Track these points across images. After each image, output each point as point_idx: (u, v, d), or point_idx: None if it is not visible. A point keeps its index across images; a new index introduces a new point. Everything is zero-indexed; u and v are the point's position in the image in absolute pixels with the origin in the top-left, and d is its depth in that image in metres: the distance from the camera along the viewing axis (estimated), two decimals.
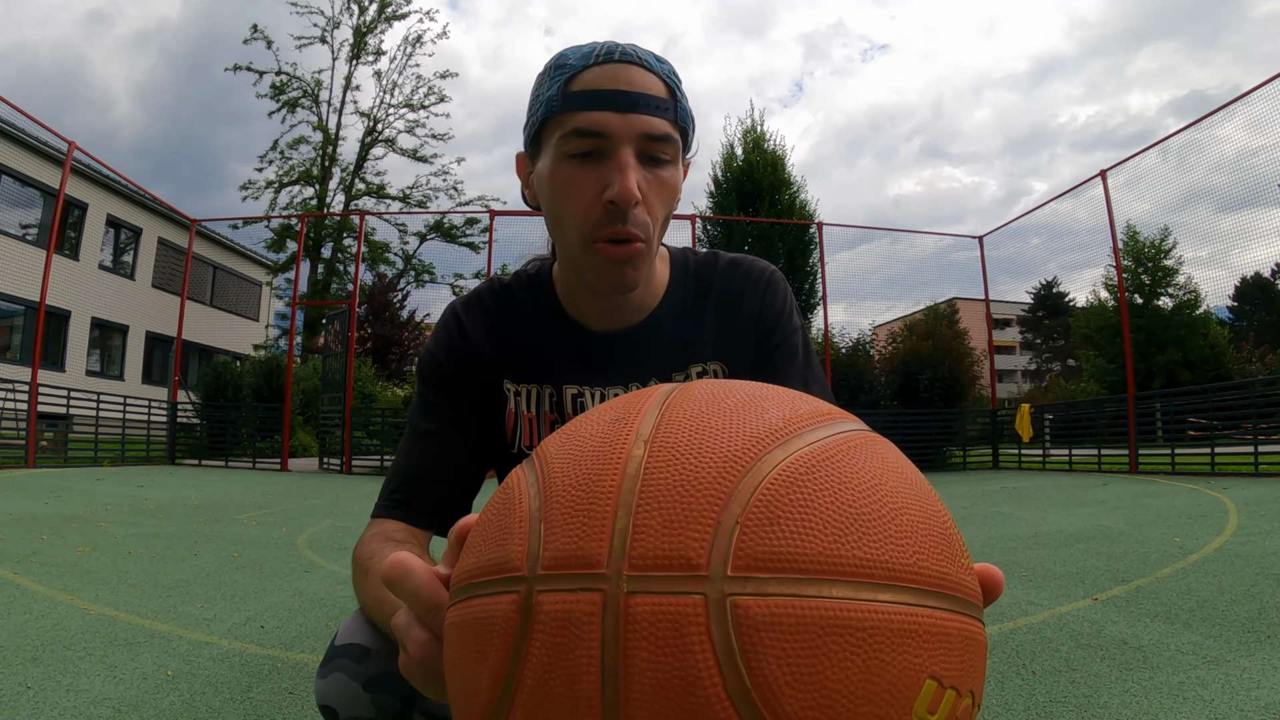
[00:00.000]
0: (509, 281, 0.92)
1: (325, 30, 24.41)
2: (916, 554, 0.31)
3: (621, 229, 0.72)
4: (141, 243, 18.88)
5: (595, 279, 0.77)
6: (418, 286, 25.49)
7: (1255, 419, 8.62)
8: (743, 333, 0.87)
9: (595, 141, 0.71)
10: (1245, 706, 1.51)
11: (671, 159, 0.74)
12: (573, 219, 0.74)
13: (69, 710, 1.56)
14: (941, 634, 0.30)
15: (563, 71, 0.73)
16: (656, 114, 0.72)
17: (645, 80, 0.72)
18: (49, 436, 11.62)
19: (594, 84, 0.71)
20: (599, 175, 0.71)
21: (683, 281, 0.89)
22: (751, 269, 0.90)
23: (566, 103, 0.72)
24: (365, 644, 0.73)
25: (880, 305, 41.97)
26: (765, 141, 14.78)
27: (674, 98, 0.74)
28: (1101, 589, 2.64)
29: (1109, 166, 10.31)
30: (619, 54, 0.72)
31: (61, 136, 10.43)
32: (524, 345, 0.87)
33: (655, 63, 0.74)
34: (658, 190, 0.74)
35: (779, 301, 0.89)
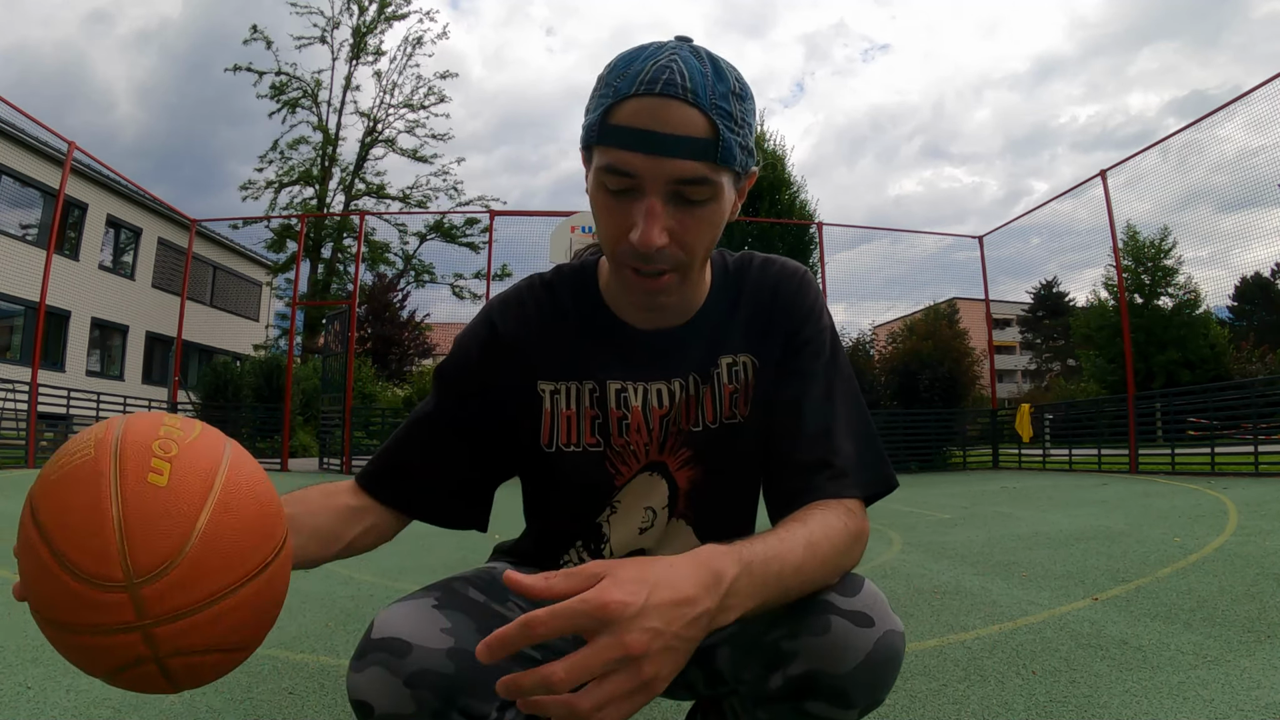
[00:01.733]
0: (550, 278, 0.92)
1: (325, 30, 24.43)
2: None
3: (646, 266, 0.75)
4: (141, 243, 18.89)
5: (631, 298, 0.81)
6: (418, 286, 25.55)
7: (1255, 419, 8.62)
8: (773, 327, 0.89)
9: (626, 180, 0.71)
10: (1245, 706, 1.51)
11: (710, 198, 0.73)
12: (606, 243, 0.77)
13: (69, 710, 1.56)
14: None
15: (607, 95, 0.72)
16: (692, 157, 0.70)
17: (684, 119, 0.69)
18: (49, 436, 11.62)
19: (630, 120, 0.70)
20: (630, 211, 0.73)
21: (723, 283, 0.91)
22: (785, 267, 0.92)
23: (603, 136, 0.72)
24: (406, 638, 0.71)
25: (880, 305, 42.04)
26: (765, 141, 14.79)
27: (717, 135, 0.70)
28: (1101, 589, 2.64)
29: (1109, 166, 10.32)
30: (661, 86, 0.69)
31: (61, 136, 10.44)
32: (565, 341, 0.88)
33: (701, 92, 0.70)
34: (693, 227, 0.74)
35: (809, 300, 0.90)
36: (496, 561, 1.00)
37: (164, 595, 0.53)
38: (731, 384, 0.88)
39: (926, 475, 10.73)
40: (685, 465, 0.89)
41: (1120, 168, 10.37)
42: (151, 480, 0.55)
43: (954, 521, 4.87)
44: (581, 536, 0.93)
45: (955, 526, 4.60)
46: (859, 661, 0.71)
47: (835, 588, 0.75)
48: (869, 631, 0.72)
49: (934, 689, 1.68)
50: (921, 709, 1.56)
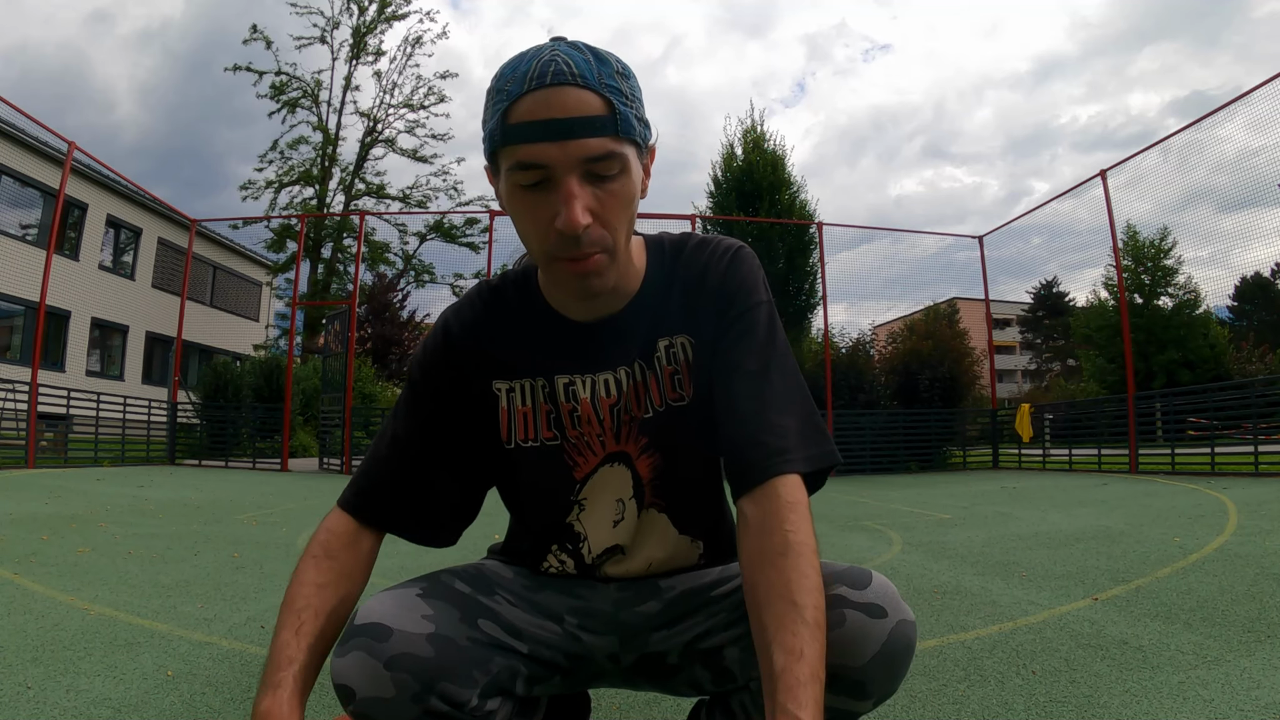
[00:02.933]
0: (496, 283, 0.95)
1: (325, 30, 24.42)
2: None
3: (577, 251, 0.75)
4: (141, 243, 18.88)
5: (565, 290, 0.81)
6: (418, 286, 25.54)
7: (1255, 419, 8.62)
8: (707, 305, 0.88)
9: (538, 173, 0.73)
10: (1245, 706, 1.51)
11: (619, 171, 0.75)
12: (532, 241, 0.77)
13: (69, 710, 1.56)
14: None
15: (501, 99, 0.74)
16: (595, 133, 0.72)
17: (580, 101, 0.72)
18: (49, 437, 11.62)
19: (529, 115, 0.72)
20: (549, 201, 0.74)
21: (659, 265, 0.91)
22: (719, 245, 0.91)
23: (506, 136, 0.73)
24: (387, 623, 0.74)
25: (881, 305, 41.98)
26: (765, 141, 14.77)
27: (613, 110, 0.73)
28: (1101, 589, 2.64)
29: (1109, 166, 10.32)
30: (551, 76, 0.72)
31: (61, 136, 10.44)
32: (514, 341, 0.90)
33: (589, 75, 0.73)
34: (611, 203, 0.75)
35: (741, 274, 0.88)
36: (487, 560, 1.02)
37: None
38: (671, 365, 0.89)
39: (926, 475, 10.72)
40: (644, 453, 0.90)
41: (1121, 168, 10.38)
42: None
43: (954, 521, 4.87)
44: (556, 540, 0.94)
45: (955, 526, 4.60)
46: (875, 652, 0.73)
47: (845, 581, 0.76)
48: (883, 622, 0.74)
49: (934, 689, 1.68)
50: (921, 709, 1.56)
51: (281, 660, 0.73)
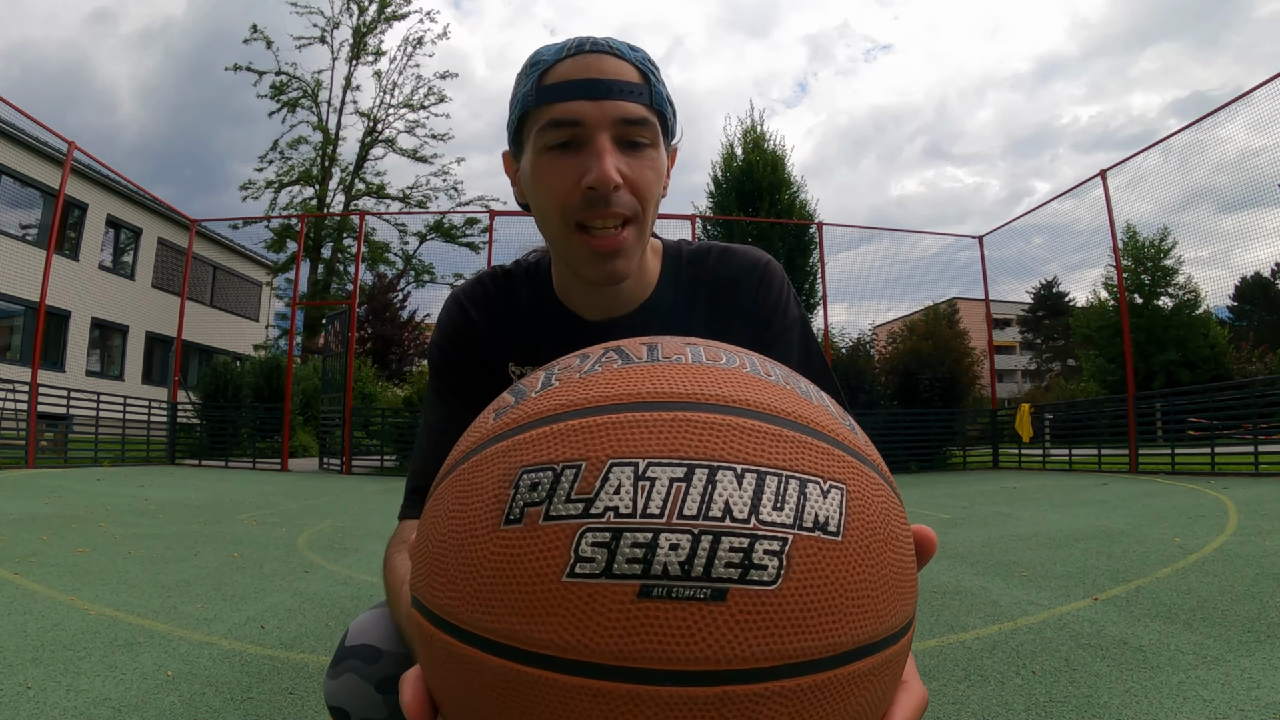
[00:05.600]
0: (510, 268, 0.92)
1: (325, 30, 24.43)
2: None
3: (605, 211, 0.72)
4: (141, 243, 18.88)
5: (584, 270, 0.76)
6: (418, 287, 25.52)
7: (1255, 419, 8.62)
8: (737, 324, 0.86)
9: (571, 130, 0.71)
10: (1245, 706, 1.51)
11: (651, 142, 0.74)
12: (553, 207, 0.74)
13: (69, 710, 1.56)
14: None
15: (537, 68, 0.74)
16: (630, 99, 0.72)
17: (618, 68, 0.73)
18: (49, 437, 11.62)
19: (567, 75, 0.72)
20: (578, 163, 0.72)
21: (675, 272, 0.88)
22: (746, 258, 0.89)
23: (541, 96, 0.72)
24: (378, 645, 0.72)
25: (881, 305, 41.97)
26: (765, 141, 14.78)
27: (648, 82, 0.74)
28: (1101, 589, 2.64)
29: (1109, 166, 10.33)
30: (590, 45, 0.73)
31: (61, 136, 10.45)
32: (522, 331, 0.88)
33: (628, 51, 0.75)
34: (641, 173, 0.73)
35: (775, 292, 0.87)
36: None
37: None
38: None
39: (926, 475, 10.72)
40: None
41: (1121, 168, 10.38)
42: None
43: (954, 521, 4.87)
44: None
45: (955, 526, 4.60)
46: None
47: None
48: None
49: (934, 689, 1.68)
50: None
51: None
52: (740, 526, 0.34)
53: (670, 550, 0.33)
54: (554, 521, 0.35)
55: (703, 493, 0.35)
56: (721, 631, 0.33)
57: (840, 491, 0.38)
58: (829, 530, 0.36)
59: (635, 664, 0.33)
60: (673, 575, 0.33)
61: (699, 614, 0.33)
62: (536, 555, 0.35)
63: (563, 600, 0.34)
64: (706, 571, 0.33)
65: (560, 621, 0.34)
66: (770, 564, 0.34)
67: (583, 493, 0.35)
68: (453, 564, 0.39)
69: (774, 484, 0.36)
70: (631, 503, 0.35)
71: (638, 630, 0.33)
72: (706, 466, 0.36)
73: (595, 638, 0.33)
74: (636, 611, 0.33)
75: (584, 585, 0.34)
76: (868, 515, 0.38)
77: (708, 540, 0.34)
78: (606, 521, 0.34)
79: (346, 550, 3.82)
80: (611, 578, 0.33)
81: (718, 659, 0.33)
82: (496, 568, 0.36)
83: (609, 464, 0.36)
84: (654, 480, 0.35)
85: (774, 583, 0.34)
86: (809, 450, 0.38)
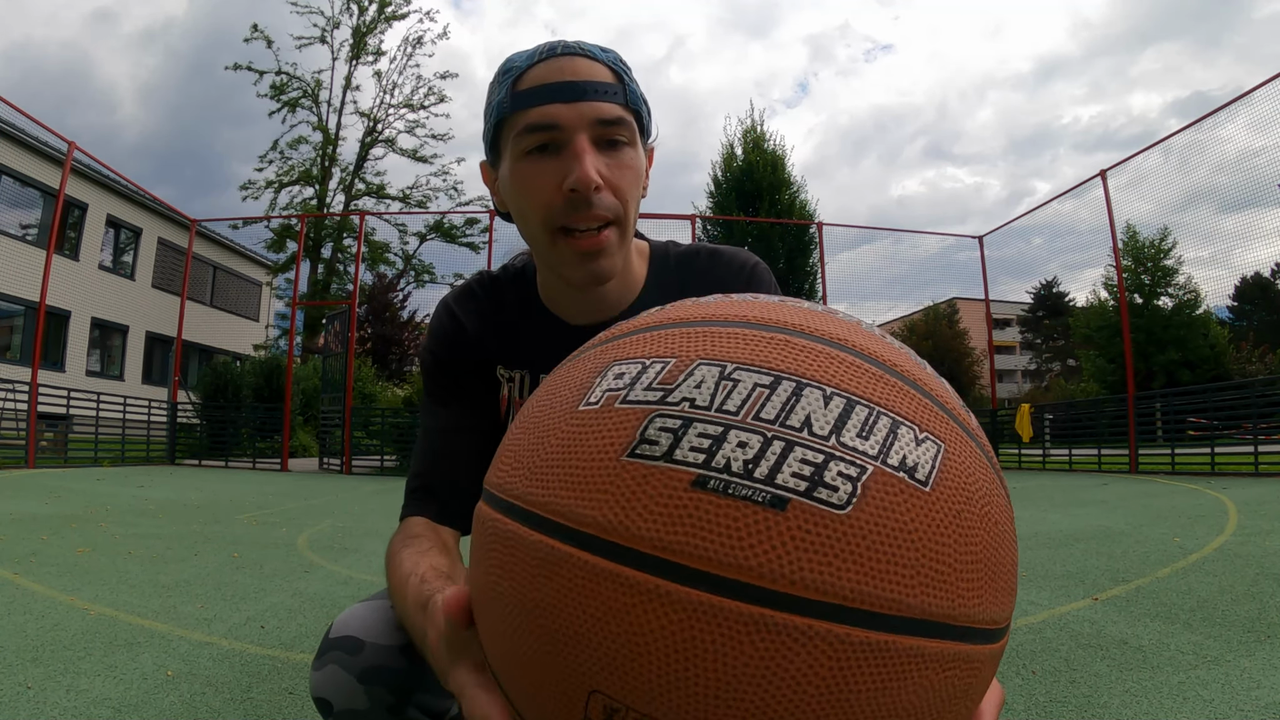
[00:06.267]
0: (497, 274, 0.93)
1: (325, 30, 24.42)
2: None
3: (589, 213, 0.72)
4: (141, 243, 18.88)
5: (568, 272, 0.76)
6: (418, 286, 25.50)
7: (1255, 419, 8.62)
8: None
9: (549, 134, 0.71)
10: (1245, 706, 1.51)
11: (628, 141, 0.74)
12: (535, 212, 0.74)
13: (69, 710, 1.56)
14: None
15: (510, 74, 0.74)
16: (605, 99, 0.72)
17: (590, 69, 0.73)
18: (49, 437, 11.62)
19: (541, 79, 0.72)
20: (557, 166, 0.72)
21: (662, 275, 0.88)
22: (734, 259, 0.89)
23: (516, 102, 0.72)
24: (359, 636, 0.73)
25: (881, 305, 41.95)
26: (765, 141, 14.79)
27: (622, 82, 0.74)
28: (1101, 589, 2.64)
29: (1109, 166, 10.33)
30: (561, 48, 0.73)
31: (61, 136, 10.44)
32: (508, 336, 0.89)
33: (600, 52, 0.75)
34: (620, 172, 0.73)
35: (764, 292, 0.88)
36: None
37: None
38: None
39: None
40: None
41: (1121, 168, 10.38)
42: None
43: None
44: None
45: None
46: None
47: None
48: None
49: None
50: None
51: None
52: (818, 441, 0.32)
53: (738, 447, 0.31)
54: (629, 405, 0.34)
55: (785, 401, 0.33)
56: (774, 543, 0.30)
57: (937, 446, 0.34)
58: (916, 477, 0.33)
59: (674, 557, 0.30)
60: (734, 471, 0.31)
61: (753, 517, 0.30)
62: (604, 433, 0.34)
63: (616, 478, 0.33)
64: (771, 476, 0.31)
65: (608, 499, 0.32)
66: (843, 486, 0.31)
67: (665, 383, 0.35)
68: (524, 443, 0.39)
69: (863, 413, 0.33)
70: (710, 397, 0.33)
71: (684, 521, 0.31)
72: (794, 380, 0.34)
73: (639, 521, 0.31)
74: (687, 500, 0.31)
75: (641, 466, 0.32)
76: (965, 481, 0.35)
77: (779, 445, 0.31)
78: (681, 410, 0.33)
79: (346, 550, 3.82)
80: (671, 462, 0.32)
81: (764, 573, 0.30)
82: (563, 445, 0.36)
83: (697, 362, 0.35)
84: (737, 382, 0.34)
85: (844, 507, 0.31)
86: (908, 398, 0.36)
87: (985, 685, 0.37)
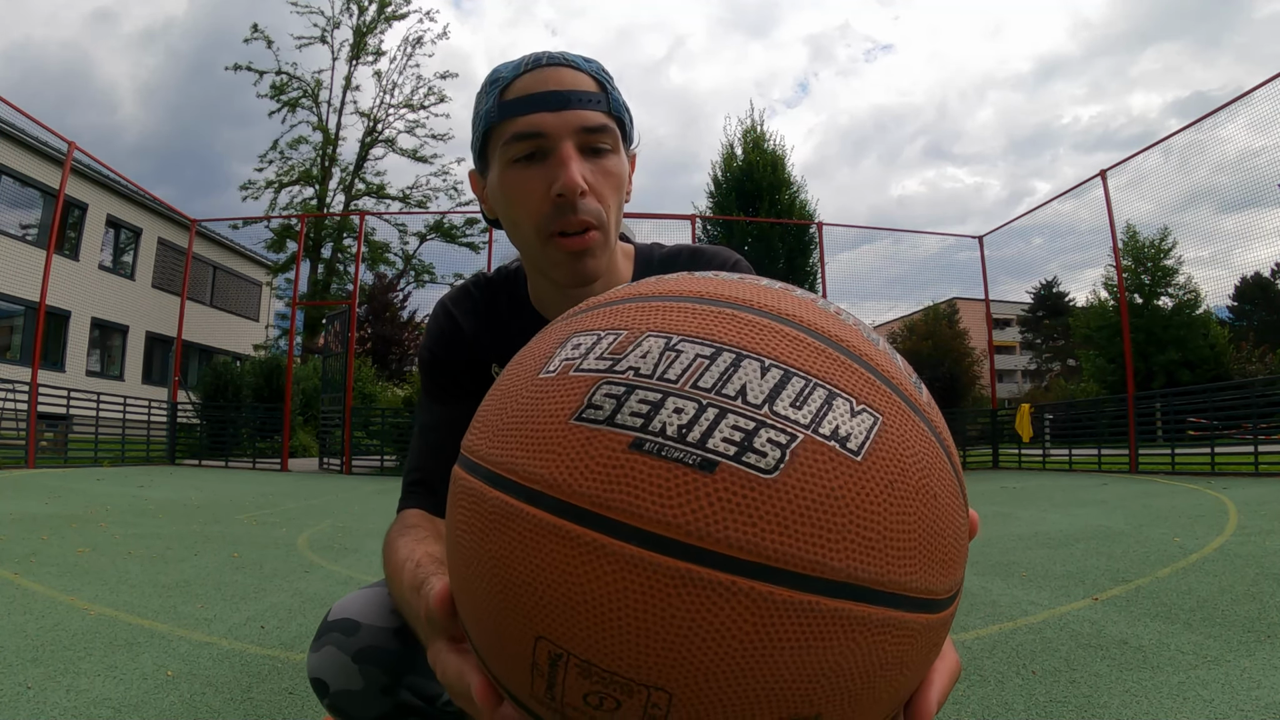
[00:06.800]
0: (492, 276, 0.95)
1: (325, 30, 24.41)
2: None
3: (574, 219, 0.74)
4: (141, 243, 18.88)
5: (557, 274, 0.79)
6: (418, 287, 25.48)
7: (1255, 419, 8.62)
8: None
9: (535, 142, 0.74)
10: (1245, 706, 1.51)
11: (612, 148, 0.77)
12: (526, 219, 0.76)
13: (69, 710, 1.56)
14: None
15: (497, 85, 0.76)
16: (589, 107, 0.75)
17: (575, 79, 0.76)
18: (49, 437, 11.62)
19: (527, 89, 0.75)
20: (544, 173, 0.74)
21: (646, 275, 0.89)
22: (715, 258, 0.91)
23: (503, 111, 0.75)
24: (356, 618, 0.75)
25: (881, 305, 41.95)
26: (765, 141, 14.77)
27: (605, 91, 0.77)
28: (1101, 589, 2.64)
29: (1109, 166, 10.33)
30: (546, 59, 0.76)
31: (61, 136, 10.44)
32: (502, 337, 0.91)
33: (583, 63, 0.78)
34: (604, 179, 0.76)
35: None
36: None
37: None
38: None
39: None
40: None
41: (1121, 168, 10.38)
42: None
43: None
44: None
45: None
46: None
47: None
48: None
49: None
50: None
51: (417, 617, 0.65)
52: (750, 409, 0.34)
53: (674, 413, 0.34)
54: (581, 373, 0.37)
55: (723, 371, 0.35)
56: (701, 503, 0.32)
57: (873, 418, 0.36)
58: (848, 446, 0.34)
59: (612, 514, 0.33)
60: (668, 435, 0.33)
61: (683, 478, 0.32)
62: (557, 399, 0.37)
63: (564, 439, 0.35)
64: (702, 440, 0.33)
65: (555, 459, 0.35)
66: (771, 452, 0.33)
67: (614, 353, 0.37)
68: (491, 409, 0.42)
69: (799, 385, 0.35)
70: (653, 366, 0.36)
71: (621, 480, 0.33)
72: (734, 352, 0.36)
73: (581, 480, 0.34)
74: (624, 461, 0.33)
75: (586, 429, 0.35)
76: (902, 455, 0.36)
77: (713, 411, 0.34)
78: (625, 378, 0.36)
79: (346, 550, 3.82)
80: (612, 426, 0.34)
81: (690, 531, 0.32)
82: (522, 409, 0.39)
83: (646, 334, 0.38)
84: (680, 353, 0.36)
85: (770, 472, 0.32)
86: (849, 371, 0.37)
87: (926, 655, 0.38)
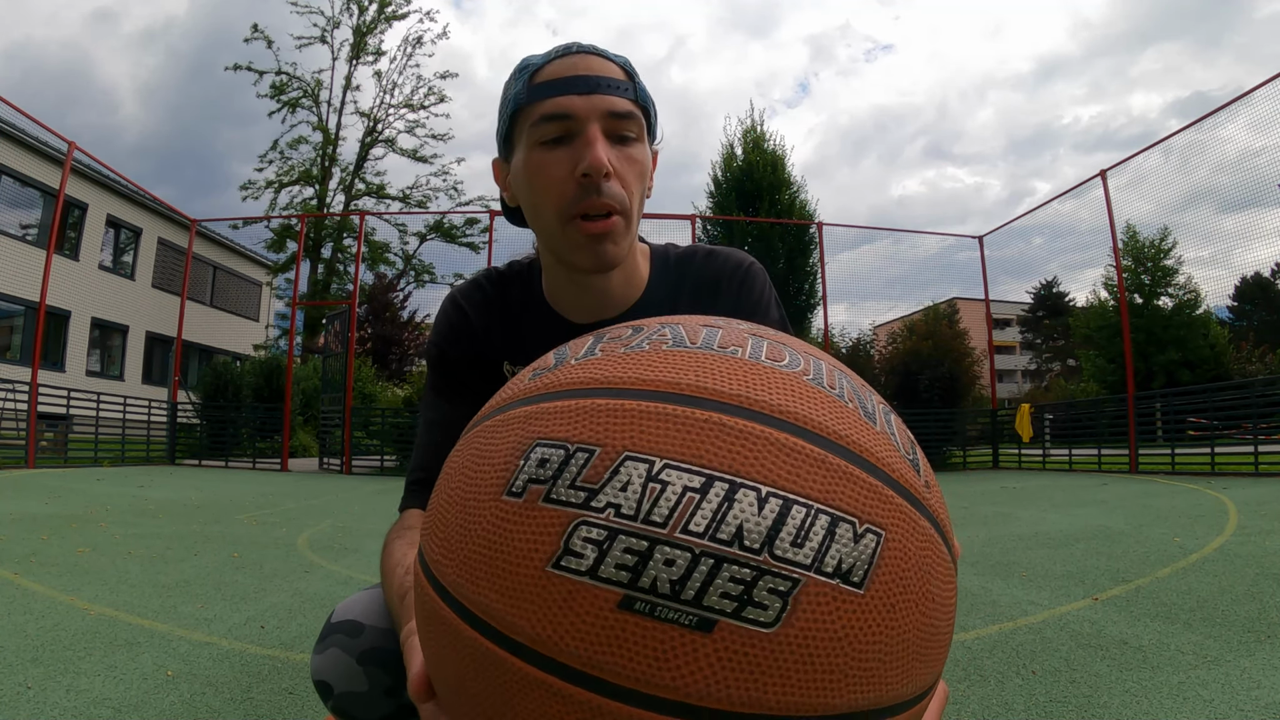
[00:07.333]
0: (504, 270, 0.94)
1: (325, 30, 24.41)
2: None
3: (597, 201, 0.74)
4: (141, 243, 18.88)
5: (577, 258, 0.78)
6: (418, 287, 25.50)
7: (1255, 419, 8.62)
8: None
9: (563, 124, 0.74)
10: (1245, 706, 1.51)
11: (637, 136, 0.78)
12: (549, 201, 0.76)
13: (69, 710, 1.56)
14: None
15: (526, 70, 0.78)
16: (617, 93, 0.76)
17: (604, 66, 0.77)
18: (49, 437, 11.62)
19: (557, 73, 0.76)
20: (570, 155, 0.75)
21: (664, 275, 0.90)
22: (729, 259, 0.91)
23: (532, 94, 0.76)
24: (360, 619, 0.75)
25: (882, 305, 41.97)
26: (765, 141, 14.77)
27: (632, 81, 0.78)
28: (1101, 589, 2.64)
29: (1109, 167, 10.33)
30: (576, 48, 0.78)
31: (61, 136, 10.44)
32: (514, 332, 0.90)
33: (609, 54, 0.79)
34: (628, 166, 0.76)
35: (756, 292, 0.90)
36: None
37: None
38: None
39: None
40: None
41: (1121, 168, 10.38)
42: None
43: (954, 521, 4.85)
44: None
45: (955, 526, 4.57)
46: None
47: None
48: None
49: None
50: None
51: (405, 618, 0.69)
52: (748, 556, 0.31)
53: (664, 565, 0.31)
54: (553, 505, 0.33)
55: (716, 509, 0.32)
56: (700, 665, 0.30)
57: (877, 538, 0.34)
58: (851, 580, 0.32)
59: (603, 675, 0.31)
60: (660, 593, 0.31)
61: (680, 641, 0.30)
62: (527, 536, 0.33)
63: (542, 591, 0.32)
64: (698, 597, 0.30)
65: (536, 612, 0.32)
66: (772, 604, 0.31)
67: (589, 481, 0.33)
68: (453, 522, 0.38)
69: (799, 516, 0.32)
70: (636, 505, 0.32)
71: (612, 642, 0.31)
72: (728, 481, 0.32)
73: (567, 639, 0.31)
74: (614, 622, 0.31)
75: (566, 580, 0.32)
76: (903, 569, 0.34)
77: (708, 563, 0.31)
78: (605, 519, 0.32)
79: (346, 550, 3.82)
80: (596, 580, 0.31)
81: (691, 693, 0.30)
82: (489, 539, 0.35)
83: (623, 456, 0.34)
84: (666, 485, 0.32)
85: (772, 626, 0.31)
86: (852, 484, 0.35)
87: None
